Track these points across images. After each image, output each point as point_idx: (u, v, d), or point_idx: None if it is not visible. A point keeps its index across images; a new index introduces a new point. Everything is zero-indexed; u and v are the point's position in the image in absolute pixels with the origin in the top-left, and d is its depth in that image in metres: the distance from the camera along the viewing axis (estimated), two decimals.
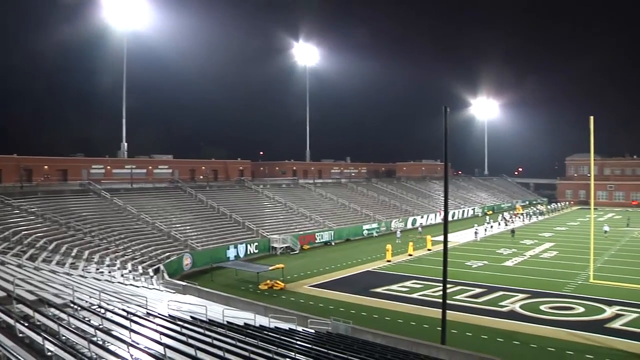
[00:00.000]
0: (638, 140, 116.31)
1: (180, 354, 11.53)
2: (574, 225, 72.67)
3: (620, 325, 25.90)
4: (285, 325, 21.84)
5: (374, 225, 63.82)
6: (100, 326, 13.25)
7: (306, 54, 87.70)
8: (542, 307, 29.16)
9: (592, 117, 24.25)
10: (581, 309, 28.73)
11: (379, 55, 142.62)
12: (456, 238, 57.08)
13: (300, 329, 21.95)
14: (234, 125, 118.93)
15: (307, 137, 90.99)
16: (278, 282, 35.30)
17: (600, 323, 26.36)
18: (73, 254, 31.75)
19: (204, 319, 18.97)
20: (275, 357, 13.25)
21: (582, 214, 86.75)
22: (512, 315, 28.09)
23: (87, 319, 14.00)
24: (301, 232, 53.55)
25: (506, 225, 70.19)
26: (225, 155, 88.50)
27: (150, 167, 70.55)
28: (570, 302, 30.08)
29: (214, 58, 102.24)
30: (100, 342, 11.69)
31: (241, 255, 45.14)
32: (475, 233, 59.62)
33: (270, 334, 18.24)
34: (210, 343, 13.41)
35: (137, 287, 26.84)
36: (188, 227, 47.17)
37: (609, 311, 28.22)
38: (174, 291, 29.11)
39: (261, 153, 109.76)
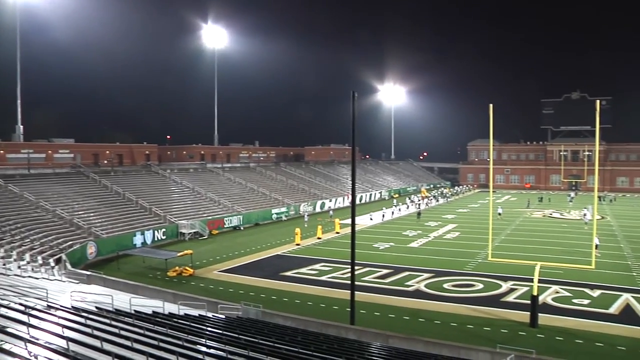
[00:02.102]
0: (531, 127, 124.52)
1: (84, 347, 11.16)
2: (475, 207, 76.63)
3: (514, 299, 27.97)
4: (195, 312, 21.64)
5: (283, 209, 64.06)
6: None
7: (215, 36, 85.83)
8: (445, 286, 30.70)
9: (491, 105, 25.46)
10: (480, 286, 30.59)
11: (287, 40, 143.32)
12: (364, 221, 58.47)
13: (210, 315, 21.81)
14: (140, 108, 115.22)
15: (216, 120, 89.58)
16: (187, 268, 34.72)
17: (497, 297, 28.26)
18: None
19: (110, 309, 18.43)
20: (186, 344, 13.11)
21: (482, 197, 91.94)
22: (417, 294, 29.32)
23: None
24: (210, 217, 52.79)
25: (417, 207, 72.27)
26: (130, 139, 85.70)
27: (49, 152, 66.94)
28: (470, 280, 31.93)
29: (118, 37, 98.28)
30: None
31: (148, 241, 43.89)
32: (382, 215, 61.58)
33: (179, 321, 18.01)
34: (117, 333, 13.07)
35: (37, 279, 25.58)
36: (92, 214, 45.18)
37: (505, 286, 30.26)
38: (77, 281, 28.00)
39: (168, 137, 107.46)
